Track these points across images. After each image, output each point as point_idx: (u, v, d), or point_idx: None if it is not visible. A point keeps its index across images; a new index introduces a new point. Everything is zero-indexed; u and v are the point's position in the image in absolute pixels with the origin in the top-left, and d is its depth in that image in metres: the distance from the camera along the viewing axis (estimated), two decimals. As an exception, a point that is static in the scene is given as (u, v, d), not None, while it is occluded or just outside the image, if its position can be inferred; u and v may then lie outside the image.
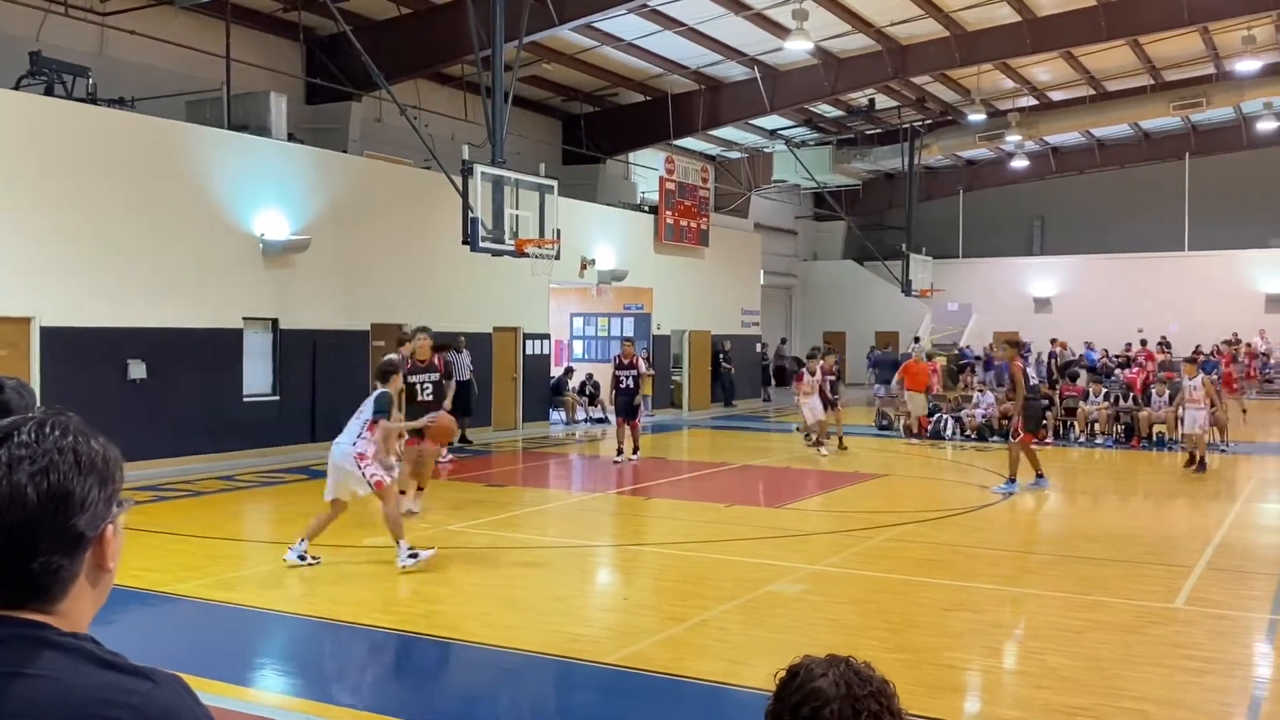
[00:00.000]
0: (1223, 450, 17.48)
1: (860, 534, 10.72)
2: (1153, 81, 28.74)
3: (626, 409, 17.01)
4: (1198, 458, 15.59)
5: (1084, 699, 5.84)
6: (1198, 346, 28.78)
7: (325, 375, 17.81)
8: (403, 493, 10.74)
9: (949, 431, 20.56)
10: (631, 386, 17.33)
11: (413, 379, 11.78)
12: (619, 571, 9.61)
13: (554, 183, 17.98)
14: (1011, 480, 13.53)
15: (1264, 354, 34.59)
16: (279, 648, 7.36)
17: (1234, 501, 13.39)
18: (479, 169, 16.12)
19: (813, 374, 18.03)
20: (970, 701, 6.11)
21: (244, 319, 16.74)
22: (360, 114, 20.08)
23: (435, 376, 12.19)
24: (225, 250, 16.39)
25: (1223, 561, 9.50)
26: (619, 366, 17.47)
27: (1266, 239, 36.04)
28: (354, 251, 18.50)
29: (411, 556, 8.83)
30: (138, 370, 15.00)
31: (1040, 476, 13.71)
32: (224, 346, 16.38)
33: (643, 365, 18.37)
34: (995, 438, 19.74)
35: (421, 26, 19.54)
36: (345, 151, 19.19)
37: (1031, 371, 15.67)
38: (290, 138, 17.99)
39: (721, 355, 28.32)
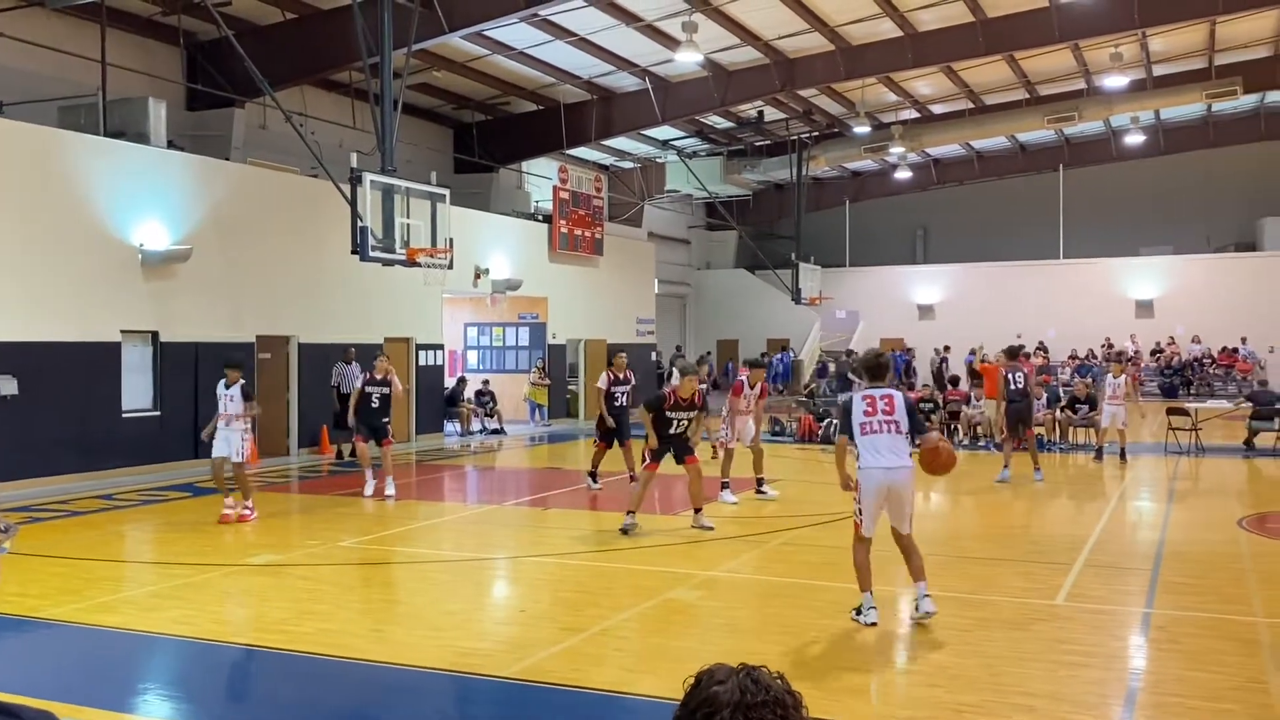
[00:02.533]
0: (1099, 450, 18.19)
1: (756, 539, 10.84)
2: (1028, 96, 29.84)
3: (622, 430, 14.97)
4: (1119, 450, 17.41)
5: (973, 696, 6.00)
6: (1100, 349, 29.88)
7: (209, 389, 17.23)
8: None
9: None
10: (626, 405, 15.41)
11: (369, 389, 13.81)
12: (516, 584, 9.53)
13: (446, 191, 17.79)
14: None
15: (1134, 357, 36.12)
16: (161, 671, 7.09)
17: (1108, 500, 13.94)
18: (368, 177, 15.87)
19: (752, 386, 14.54)
20: (864, 702, 6.22)
21: (122, 332, 16.14)
22: (243, 120, 19.57)
23: (385, 390, 13.84)
24: (102, 261, 15.78)
25: (1099, 558, 9.87)
26: (615, 382, 15.30)
27: (1136, 247, 37.72)
28: (238, 261, 18.01)
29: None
30: (8, 386, 14.33)
31: (1036, 470, 15.21)
32: (101, 360, 15.75)
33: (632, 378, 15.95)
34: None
35: (307, 32, 19.14)
36: (228, 159, 18.66)
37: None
38: (170, 145, 17.42)
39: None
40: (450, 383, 24.27)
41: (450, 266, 17.82)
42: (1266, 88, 29.96)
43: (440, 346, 23.08)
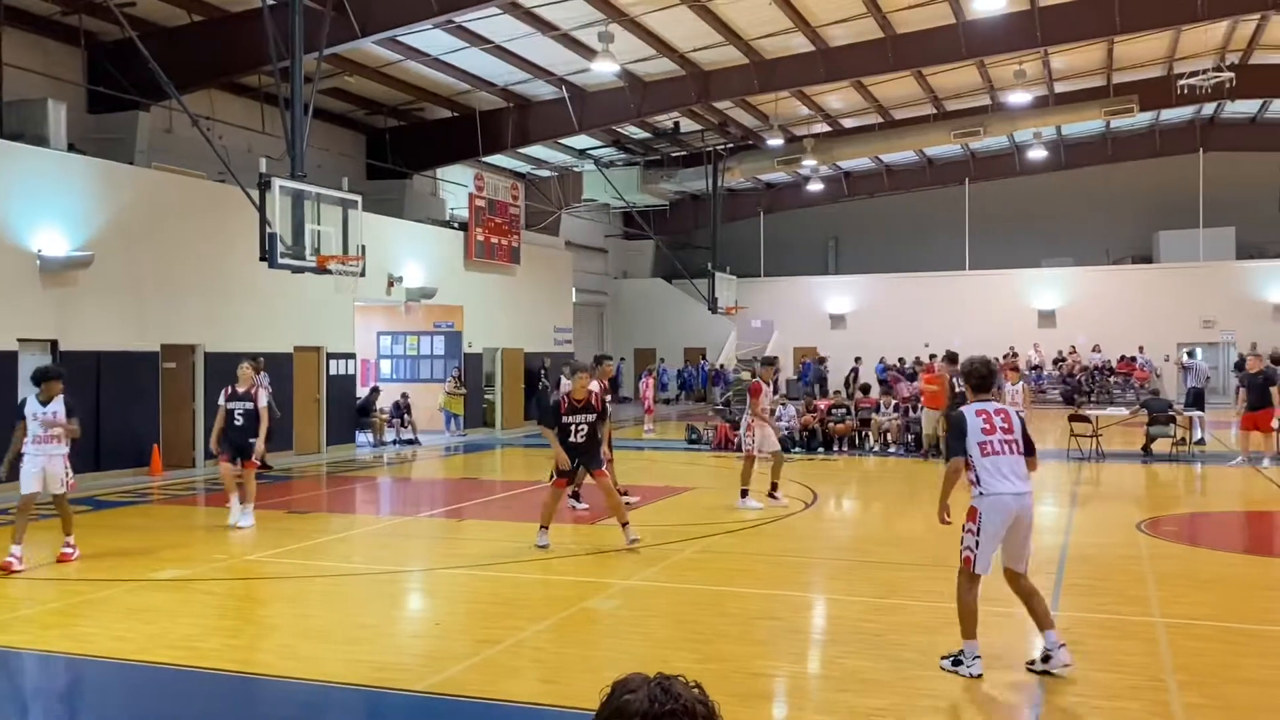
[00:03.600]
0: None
1: (671, 547, 10.88)
2: (935, 111, 30.57)
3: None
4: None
5: (884, 700, 6.09)
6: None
7: (111, 399, 16.78)
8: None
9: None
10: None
11: (231, 406, 12.24)
12: (429, 596, 9.41)
13: (358, 198, 17.56)
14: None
15: (1037, 366, 37.17)
16: (59, 692, 6.85)
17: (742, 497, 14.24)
18: (277, 182, 15.58)
19: (768, 384, 14.05)
20: (777, 708, 6.28)
21: (19, 340, 15.56)
22: (148, 124, 19.06)
23: (250, 405, 12.29)
24: (-4, 267, 15.21)
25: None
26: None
27: (1038, 259, 38.85)
28: (143, 268, 17.53)
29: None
30: (-107, 397, 13.73)
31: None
32: (-5, 370, 15.17)
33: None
34: (797, 449, 20.44)
35: (215, 35, 18.73)
36: (132, 163, 18.14)
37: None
38: (71, 148, 16.91)
39: (543, 372, 28.29)
40: (363, 392, 23.92)
41: (362, 274, 17.58)
42: (1161, 106, 31.15)
43: (352, 356, 22.73)
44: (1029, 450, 6.62)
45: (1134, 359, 36.32)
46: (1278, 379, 18.09)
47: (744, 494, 13.45)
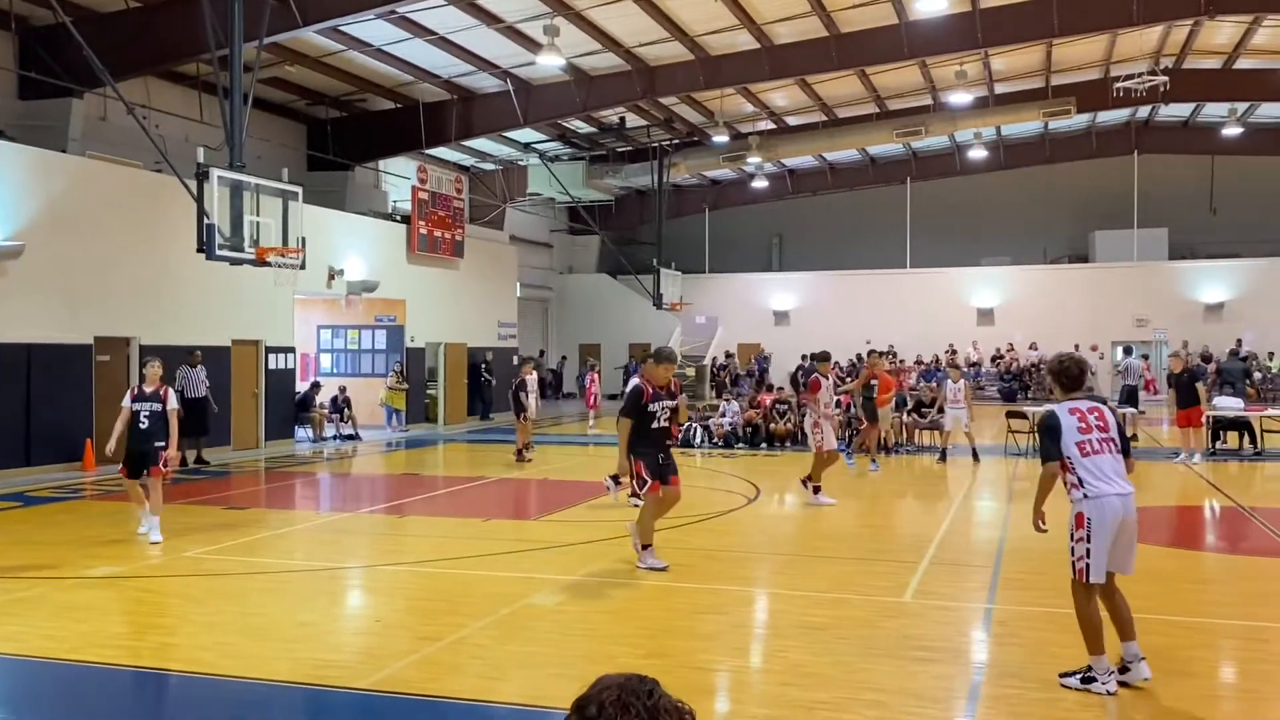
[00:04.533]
0: (943, 452, 18.92)
1: (615, 542, 10.87)
2: (878, 110, 30.88)
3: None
4: (971, 451, 18.30)
5: (826, 693, 6.14)
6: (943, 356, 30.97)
7: (42, 393, 16.38)
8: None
9: (698, 439, 21.23)
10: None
11: (137, 407, 11.07)
12: (371, 593, 9.31)
13: (298, 189, 17.31)
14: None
15: (975, 363, 37.73)
16: (-14, 695, 6.66)
17: (952, 500, 14.50)
18: (215, 173, 15.31)
19: (826, 378, 14.03)
20: (720, 702, 6.30)
21: (-56, 332, 15.15)
22: (82, 111, 18.63)
23: (158, 407, 11.15)
24: (-80, 256, 14.78)
25: (944, 556, 10.26)
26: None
27: (978, 258, 39.44)
28: (75, 259, 17.13)
29: None
30: None
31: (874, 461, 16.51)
32: (-81, 362, 14.74)
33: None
34: (741, 445, 20.56)
35: (152, 21, 18.35)
36: (65, 151, 17.73)
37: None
38: (0, 135, 16.45)
39: (484, 367, 28.11)
40: (303, 387, 23.61)
41: (302, 267, 17.34)
42: (1098, 108, 31.76)
43: (291, 350, 22.41)
44: (1125, 450, 6.32)
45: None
46: (1200, 377, 18.65)
47: (816, 491, 13.35)
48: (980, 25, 22.40)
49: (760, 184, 38.99)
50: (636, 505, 12.80)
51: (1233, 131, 33.83)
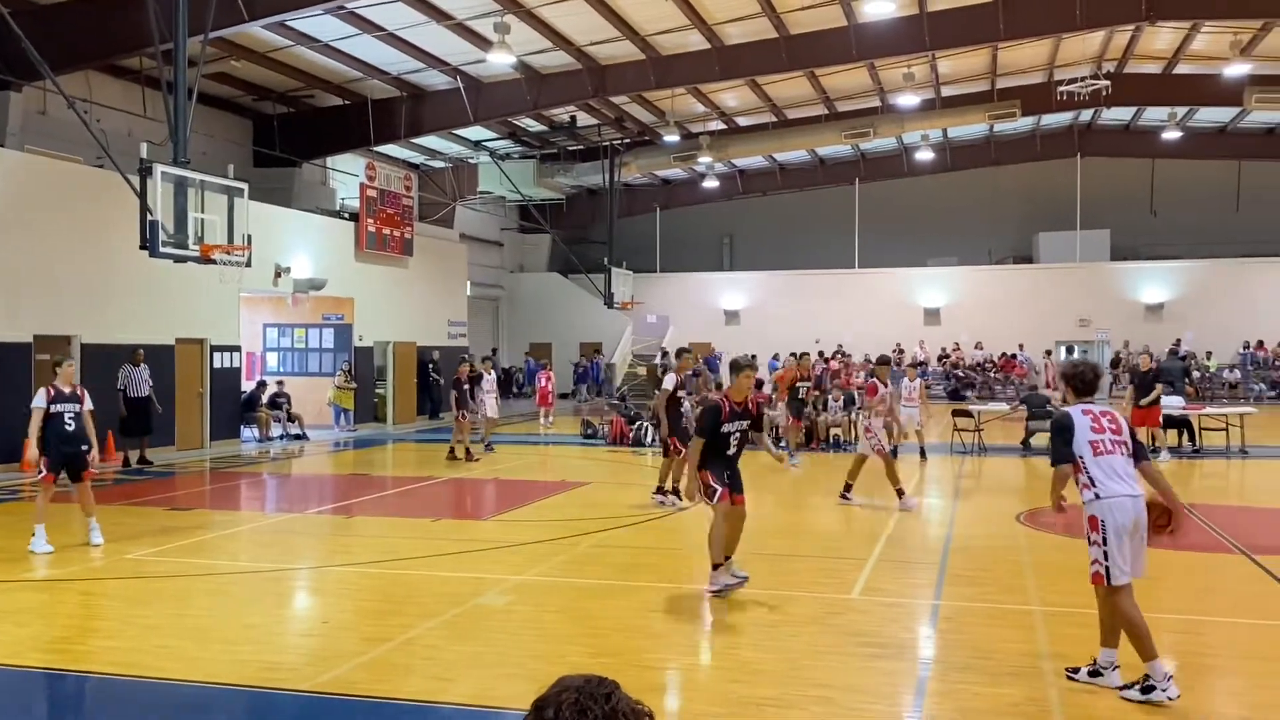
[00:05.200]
0: (894, 450, 19.13)
1: (566, 542, 10.86)
2: (827, 112, 31.12)
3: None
4: (919, 449, 18.51)
5: (774, 690, 6.19)
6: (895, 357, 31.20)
7: (-22, 393, 16.00)
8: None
9: (649, 439, 21.26)
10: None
11: (59, 409, 10.55)
12: (318, 594, 9.22)
13: (244, 185, 17.08)
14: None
15: (922, 362, 38.16)
16: (-80, 702, 6.50)
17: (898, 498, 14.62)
18: (159, 169, 15.06)
19: (885, 383, 13.77)
20: (670, 700, 6.32)
21: (-125, 330, 14.75)
22: (21, 105, 18.24)
23: (78, 408, 10.71)
24: None
25: (891, 553, 10.37)
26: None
27: (924, 258, 39.91)
28: (14, 256, 16.77)
29: None
30: None
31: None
32: None
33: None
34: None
35: (94, 14, 17.98)
36: (3, 146, 17.34)
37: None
38: (-66, 128, 16.07)
39: (431, 366, 27.90)
40: (249, 386, 23.30)
41: (248, 264, 17.12)
42: (1042, 111, 32.30)
43: (237, 348, 22.12)
44: (1139, 455, 6.23)
45: (1014, 356, 37.59)
46: (1165, 377, 19.02)
47: (900, 494, 12.93)
48: (927, 28, 22.67)
49: (711, 184, 39.14)
50: (660, 503, 12.98)
51: (1172, 135, 34.58)
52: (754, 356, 9.77)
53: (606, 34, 22.48)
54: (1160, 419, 18.71)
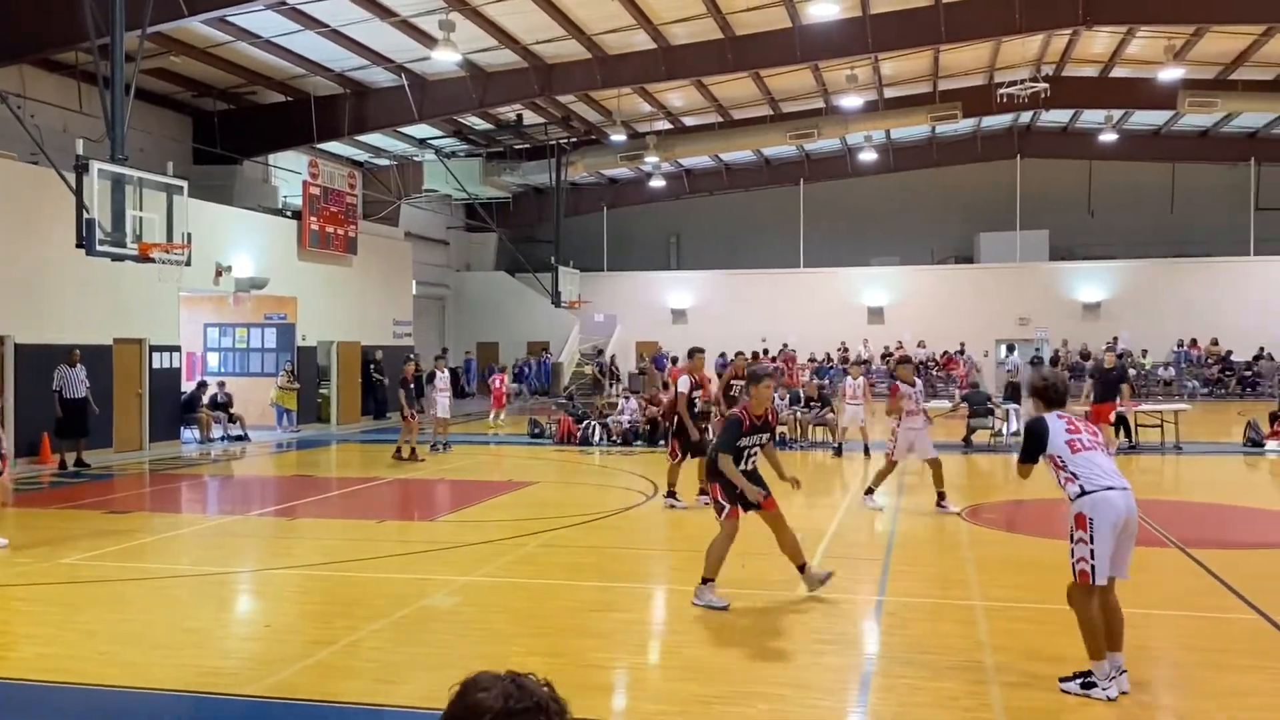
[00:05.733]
0: (838, 447, 19.31)
1: (512, 542, 10.83)
2: (772, 113, 31.32)
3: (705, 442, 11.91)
4: (863, 446, 18.45)
5: (722, 688, 6.22)
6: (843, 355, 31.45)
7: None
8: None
9: (596, 437, 21.26)
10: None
11: None
12: (261, 598, 9.10)
13: (184, 183, 16.82)
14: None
15: (866, 361, 38.54)
16: None
17: (846, 494, 14.80)
18: (95, 165, 14.78)
19: (911, 384, 13.07)
20: (617, 699, 6.34)
21: None
22: (-50, 99, 17.76)
23: None
24: None
25: (838, 550, 10.47)
26: (695, 386, 12.89)
27: (868, 258, 40.32)
28: (-58, 254, 16.33)
29: None
30: None
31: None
32: None
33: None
34: (639, 442, 20.66)
35: (26, 7, 17.59)
36: (-69, 140, 16.90)
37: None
38: None
39: (372, 366, 27.63)
40: (189, 386, 22.92)
41: (188, 263, 16.86)
42: (983, 113, 32.80)
43: (177, 348, 21.75)
44: None
45: (956, 354, 38.11)
46: (1126, 375, 19.41)
47: (868, 492, 12.84)
48: (870, 30, 22.89)
49: (658, 183, 39.21)
50: (672, 507, 12.78)
51: (1109, 137, 35.30)
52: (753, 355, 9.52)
53: (553, 33, 22.43)
54: (1112, 417, 19.05)
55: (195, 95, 24.40)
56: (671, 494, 13.08)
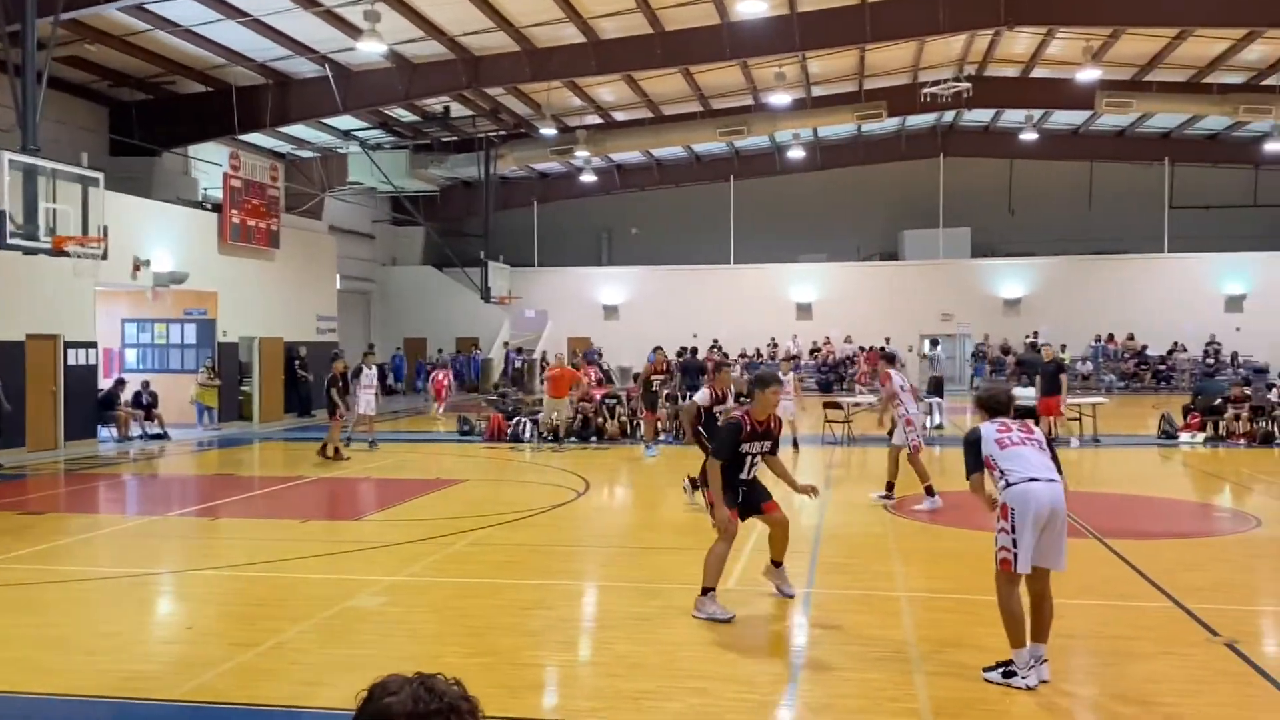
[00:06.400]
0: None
1: (440, 541, 10.74)
2: (702, 109, 31.43)
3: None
4: (792, 440, 18.46)
5: (651, 683, 6.24)
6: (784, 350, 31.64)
7: None
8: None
9: (527, 434, 21.17)
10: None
11: None
12: (182, 600, 8.90)
13: (99, 175, 16.39)
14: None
15: (795, 356, 38.94)
16: None
17: (773, 488, 14.90)
18: (6, 156, 14.36)
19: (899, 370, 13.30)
20: (548, 697, 6.32)
21: None
22: None
23: None
24: None
25: (766, 544, 10.52)
26: (717, 401, 12.01)
27: (796, 255, 40.72)
28: None
29: None
30: None
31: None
32: None
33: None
34: (571, 439, 20.61)
35: (-69, -11, 16.94)
36: None
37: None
38: None
39: (297, 362, 27.16)
40: (107, 384, 22.32)
41: (104, 257, 16.43)
42: (907, 112, 33.29)
43: (93, 345, 21.15)
44: (1053, 459, 6.31)
45: (881, 349, 38.68)
46: (1065, 368, 19.84)
47: (929, 491, 12.42)
48: (798, 28, 23.10)
49: (589, 178, 39.13)
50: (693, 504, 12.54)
51: (1029, 136, 36.07)
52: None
53: (480, 24, 22.24)
54: (1062, 409, 19.44)
55: (112, 85, 23.74)
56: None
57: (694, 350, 27.72)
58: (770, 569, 8.33)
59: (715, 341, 38.11)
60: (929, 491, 12.46)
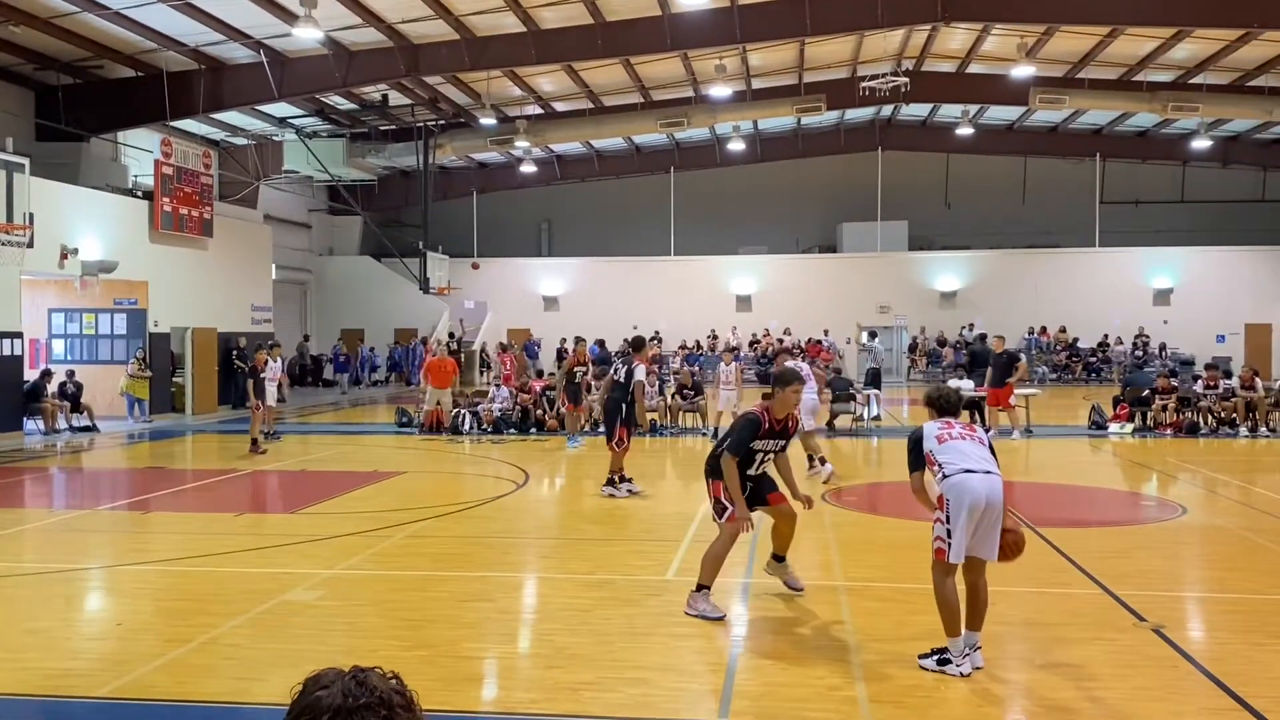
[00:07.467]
0: (715, 430, 19.61)
1: (378, 534, 10.63)
2: (642, 100, 31.42)
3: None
4: (714, 430, 18.77)
5: (590, 674, 6.24)
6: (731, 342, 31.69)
7: None
8: None
9: (466, 426, 21.03)
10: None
11: None
12: (111, 595, 8.71)
13: (25, 161, 15.95)
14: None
15: (735, 348, 39.12)
16: None
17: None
18: (-74, 140, 13.85)
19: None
20: (487, 689, 6.29)
21: None
22: None
23: None
24: None
25: (705, 535, 10.55)
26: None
27: (736, 247, 40.93)
28: None
29: None
30: None
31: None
32: None
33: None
34: (510, 430, 20.52)
35: None
36: None
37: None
38: None
39: (235, 354, 26.68)
40: (33, 375, 21.75)
41: (30, 245, 15.99)
42: (846, 105, 33.57)
43: (19, 335, 20.59)
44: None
45: (820, 341, 39.03)
46: (1018, 358, 20.15)
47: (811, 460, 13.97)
48: (739, 21, 23.17)
49: (529, 169, 38.91)
50: (612, 495, 12.71)
51: (965, 131, 36.59)
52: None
53: (420, 12, 21.99)
54: (1011, 400, 19.70)
55: (37, 68, 23.08)
56: (613, 481, 12.93)
57: (602, 342, 28.50)
58: (773, 563, 8.19)
59: (656, 333, 38.19)
60: (818, 460, 13.97)
